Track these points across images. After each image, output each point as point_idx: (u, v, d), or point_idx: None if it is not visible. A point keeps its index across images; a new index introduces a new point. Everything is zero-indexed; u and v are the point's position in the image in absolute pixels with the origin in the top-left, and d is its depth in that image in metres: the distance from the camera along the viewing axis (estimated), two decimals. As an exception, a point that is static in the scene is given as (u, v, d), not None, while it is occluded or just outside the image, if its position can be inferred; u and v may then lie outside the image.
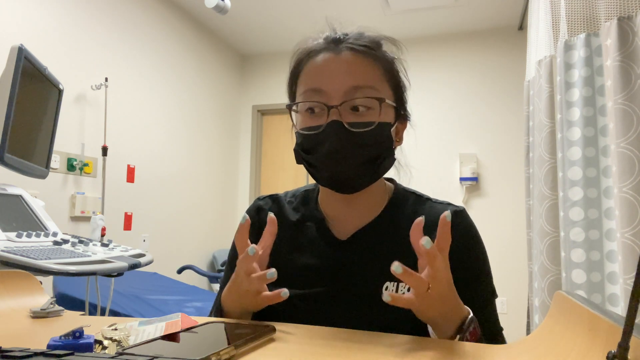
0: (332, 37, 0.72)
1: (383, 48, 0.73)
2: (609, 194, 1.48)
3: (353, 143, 0.66)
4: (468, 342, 0.54)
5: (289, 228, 0.79)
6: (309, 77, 0.70)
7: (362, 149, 0.67)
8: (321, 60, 0.70)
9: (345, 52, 0.69)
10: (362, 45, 0.70)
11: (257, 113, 4.51)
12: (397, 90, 0.73)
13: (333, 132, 0.66)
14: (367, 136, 0.66)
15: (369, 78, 0.68)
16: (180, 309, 2.16)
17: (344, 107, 0.66)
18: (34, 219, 1.38)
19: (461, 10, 3.55)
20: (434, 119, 3.91)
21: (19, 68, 1.27)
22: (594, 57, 1.56)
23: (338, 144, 0.66)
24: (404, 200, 0.78)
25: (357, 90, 0.67)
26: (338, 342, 0.52)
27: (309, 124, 0.69)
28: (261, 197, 0.85)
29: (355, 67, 0.68)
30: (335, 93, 0.67)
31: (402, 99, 0.75)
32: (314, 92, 0.68)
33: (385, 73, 0.71)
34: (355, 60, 0.69)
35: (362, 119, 0.67)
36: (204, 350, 0.42)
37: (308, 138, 0.69)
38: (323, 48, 0.71)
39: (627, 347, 0.32)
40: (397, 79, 0.73)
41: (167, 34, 3.43)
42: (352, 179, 0.69)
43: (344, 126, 0.66)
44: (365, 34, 0.73)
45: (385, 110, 0.68)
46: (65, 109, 2.44)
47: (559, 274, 1.67)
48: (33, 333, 0.56)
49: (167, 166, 3.42)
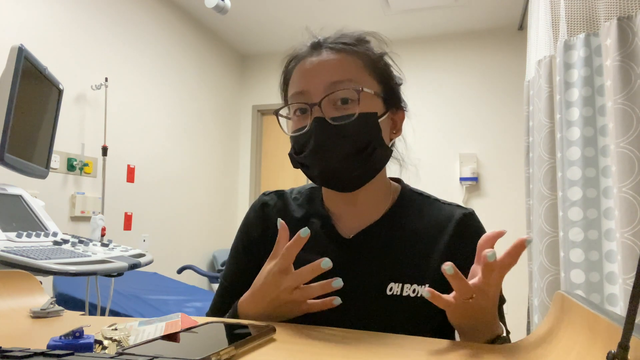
0: (313, 42, 0.74)
1: (368, 45, 0.74)
2: (608, 194, 1.48)
3: (336, 136, 0.67)
4: (468, 342, 0.54)
5: (294, 224, 0.79)
6: (294, 82, 0.73)
7: (346, 140, 0.67)
8: (303, 66, 0.72)
9: (324, 53, 0.71)
10: (341, 42, 0.72)
11: (257, 113, 4.51)
12: (384, 81, 0.73)
13: (317, 128, 0.67)
14: (350, 127, 0.67)
15: (347, 71, 0.69)
16: (180, 309, 2.17)
17: (325, 103, 0.68)
18: (34, 219, 1.38)
19: (461, 10, 3.55)
20: (434, 119, 3.91)
21: (19, 68, 1.27)
22: (594, 57, 1.56)
23: (322, 138, 0.67)
24: (411, 201, 0.78)
25: (336, 84, 0.68)
26: (338, 342, 0.52)
27: (298, 126, 0.71)
28: (267, 192, 0.85)
29: (334, 64, 0.70)
30: (316, 91, 0.68)
31: (392, 90, 0.75)
32: (299, 95, 0.70)
33: (367, 65, 0.71)
34: (334, 57, 0.70)
35: (344, 112, 0.68)
36: (204, 350, 0.42)
37: (297, 139, 0.71)
38: (306, 54, 0.73)
39: (627, 347, 0.32)
40: (383, 70, 0.74)
41: (167, 34, 3.43)
42: (343, 173, 0.69)
43: (325, 121, 0.67)
44: (345, 32, 0.75)
45: (366, 101, 0.69)
46: (65, 109, 2.44)
47: (558, 274, 1.67)
48: (33, 333, 0.56)
49: (167, 166, 3.42)
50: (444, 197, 0.81)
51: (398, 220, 0.75)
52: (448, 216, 0.75)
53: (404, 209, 0.76)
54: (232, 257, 0.83)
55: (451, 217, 0.74)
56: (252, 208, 0.84)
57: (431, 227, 0.74)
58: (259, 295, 0.64)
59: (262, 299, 0.64)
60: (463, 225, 0.73)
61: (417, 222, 0.75)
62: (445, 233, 0.73)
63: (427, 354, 0.48)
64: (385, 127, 0.72)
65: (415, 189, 0.81)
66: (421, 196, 0.79)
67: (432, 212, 0.76)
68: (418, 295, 0.68)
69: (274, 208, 0.82)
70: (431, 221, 0.75)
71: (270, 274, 0.62)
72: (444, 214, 0.75)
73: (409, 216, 0.75)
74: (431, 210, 0.76)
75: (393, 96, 0.75)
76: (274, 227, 0.80)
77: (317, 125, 0.67)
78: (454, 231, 0.73)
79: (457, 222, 0.73)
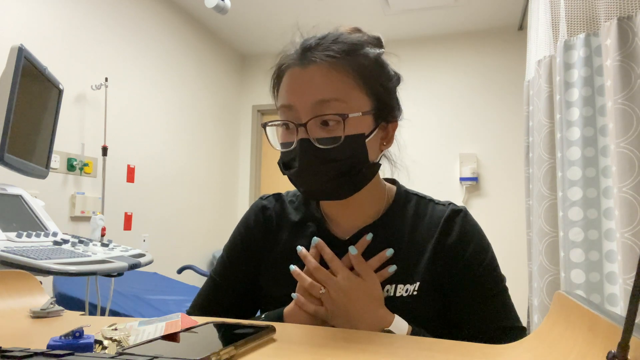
0: (304, 46, 0.70)
1: (362, 50, 0.70)
2: (609, 194, 1.48)
3: (321, 159, 0.66)
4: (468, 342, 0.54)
5: (291, 228, 0.79)
6: (282, 92, 0.71)
7: (332, 164, 0.66)
8: (291, 75, 0.69)
9: (313, 66, 0.67)
10: (330, 55, 0.68)
11: (257, 113, 4.51)
12: (376, 94, 0.70)
13: (302, 150, 0.66)
14: (336, 152, 0.66)
15: (335, 90, 0.66)
16: (180, 309, 2.16)
17: (312, 123, 0.66)
18: (34, 219, 1.38)
19: (461, 10, 3.55)
20: (434, 119, 3.91)
21: (19, 68, 1.27)
22: (594, 57, 1.56)
23: (306, 161, 0.66)
24: (406, 202, 0.78)
25: (323, 103, 0.66)
26: (338, 342, 0.52)
27: (285, 140, 0.70)
28: (264, 196, 0.86)
29: (321, 80, 0.67)
30: (303, 108, 0.67)
31: (384, 102, 0.72)
32: (286, 109, 0.69)
33: (358, 80, 0.68)
34: (322, 72, 0.67)
35: (330, 133, 0.66)
36: (204, 350, 0.42)
37: (284, 154, 0.71)
38: (294, 61, 0.70)
39: (627, 347, 0.32)
40: (377, 81, 0.70)
41: (167, 34, 3.43)
42: (329, 193, 0.70)
43: (311, 143, 0.66)
44: (340, 37, 0.71)
45: (354, 123, 0.66)
46: (65, 109, 2.44)
47: (558, 274, 1.67)
48: (33, 333, 0.56)
49: (167, 166, 3.42)
50: (444, 197, 0.81)
51: (394, 222, 0.75)
52: (440, 215, 0.75)
53: (399, 210, 0.77)
54: (228, 256, 0.83)
55: (442, 216, 0.74)
56: (251, 211, 0.84)
57: (425, 227, 0.74)
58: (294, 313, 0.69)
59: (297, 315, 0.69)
60: (449, 222, 0.74)
61: (413, 223, 0.75)
62: (436, 232, 0.73)
63: (425, 353, 0.48)
64: (374, 143, 0.70)
65: (410, 189, 0.81)
66: (416, 197, 0.79)
67: (427, 213, 0.76)
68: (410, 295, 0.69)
69: (273, 211, 0.82)
70: (426, 222, 0.75)
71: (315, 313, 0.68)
72: (437, 214, 0.75)
73: (405, 217, 0.76)
74: (426, 210, 0.76)
75: (385, 109, 0.72)
76: (273, 230, 0.80)
77: (303, 147, 0.66)
78: (441, 228, 0.73)
79: (445, 220, 0.74)
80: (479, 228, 0.75)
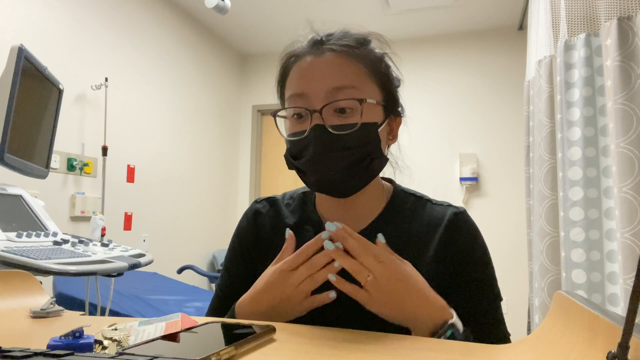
0: (315, 39, 0.71)
1: (370, 45, 0.72)
2: (609, 194, 1.48)
3: (337, 146, 0.65)
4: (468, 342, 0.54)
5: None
6: (293, 82, 0.70)
7: (347, 152, 0.66)
8: (303, 64, 0.69)
9: (327, 54, 0.68)
10: (344, 44, 0.69)
11: (257, 113, 4.51)
12: (385, 87, 0.71)
13: (316, 137, 0.65)
14: (351, 138, 0.66)
15: (350, 78, 0.67)
16: (180, 309, 2.16)
17: (326, 109, 0.66)
18: (34, 219, 1.38)
19: (461, 10, 3.55)
20: (434, 119, 3.91)
21: (19, 68, 1.27)
22: (594, 57, 1.56)
23: (321, 147, 0.65)
24: (403, 202, 0.77)
25: (338, 91, 0.66)
26: (338, 342, 0.52)
27: (296, 129, 0.69)
28: (258, 199, 0.84)
29: (336, 68, 0.67)
30: (317, 96, 0.66)
31: (392, 96, 0.73)
32: (297, 97, 0.68)
33: (369, 71, 0.69)
34: (336, 60, 0.68)
35: (345, 120, 0.66)
36: (204, 350, 0.42)
37: (295, 144, 0.69)
38: (306, 52, 0.71)
39: (627, 347, 0.32)
40: (385, 75, 0.72)
41: (167, 34, 3.43)
42: (340, 182, 0.68)
43: (326, 130, 0.65)
44: (349, 32, 0.72)
45: (369, 110, 0.67)
46: (65, 109, 2.44)
47: (559, 274, 1.67)
48: (33, 333, 0.56)
49: (167, 166, 3.42)
50: (444, 198, 0.81)
51: (391, 222, 0.74)
52: (440, 216, 0.74)
53: (396, 210, 0.76)
54: (226, 268, 0.82)
55: (443, 217, 0.74)
56: (244, 216, 0.83)
57: (423, 227, 0.74)
58: (262, 294, 0.64)
59: (264, 299, 0.64)
60: (454, 225, 0.73)
61: (410, 223, 0.75)
62: (437, 233, 0.73)
63: (425, 353, 0.48)
64: (383, 136, 0.71)
65: (407, 189, 0.81)
66: (413, 197, 0.79)
67: (425, 213, 0.75)
68: None
69: (266, 216, 0.81)
70: (424, 222, 0.74)
71: (277, 272, 0.63)
72: (436, 215, 0.75)
73: (402, 217, 0.75)
74: (424, 210, 0.76)
75: (392, 103, 0.73)
76: (267, 235, 0.79)
77: (317, 134, 0.65)
78: (445, 230, 0.73)
79: (448, 222, 0.73)
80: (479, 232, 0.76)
